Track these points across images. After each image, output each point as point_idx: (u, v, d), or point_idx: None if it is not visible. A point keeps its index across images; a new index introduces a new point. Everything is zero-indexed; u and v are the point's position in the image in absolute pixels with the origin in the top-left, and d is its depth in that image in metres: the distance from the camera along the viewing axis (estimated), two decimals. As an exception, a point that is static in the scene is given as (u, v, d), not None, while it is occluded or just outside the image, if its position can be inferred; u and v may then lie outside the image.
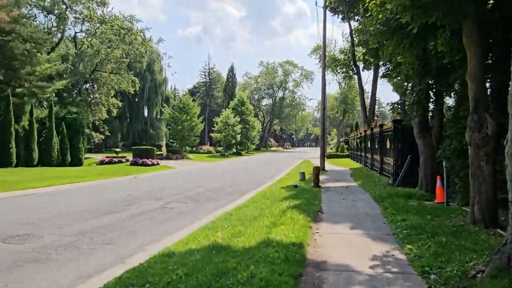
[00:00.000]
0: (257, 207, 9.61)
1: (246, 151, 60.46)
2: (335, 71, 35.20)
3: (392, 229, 7.01)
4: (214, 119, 55.78)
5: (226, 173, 23.99)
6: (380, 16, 8.96)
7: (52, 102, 27.71)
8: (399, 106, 13.77)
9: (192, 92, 73.32)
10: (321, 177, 15.69)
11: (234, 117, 53.49)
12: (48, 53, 30.54)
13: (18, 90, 24.59)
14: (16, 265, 5.61)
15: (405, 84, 12.50)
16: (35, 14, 35.63)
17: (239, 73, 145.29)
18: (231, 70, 78.51)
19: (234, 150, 55.88)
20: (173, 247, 6.06)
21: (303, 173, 17.10)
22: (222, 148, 54.61)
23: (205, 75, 79.86)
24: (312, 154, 52.66)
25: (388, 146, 15.55)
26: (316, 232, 6.85)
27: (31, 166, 23.67)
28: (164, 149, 37.59)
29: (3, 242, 6.83)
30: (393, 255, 5.48)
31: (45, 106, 29.38)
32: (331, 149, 54.98)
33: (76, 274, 5.29)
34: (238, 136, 53.73)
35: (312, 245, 6.01)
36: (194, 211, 10.27)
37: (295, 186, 13.80)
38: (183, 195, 13.33)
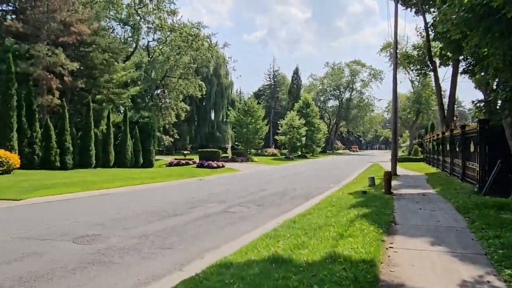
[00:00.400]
0: (322, 214, 8.97)
1: (312, 153, 59.30)
2: (407, 68, 32.87)
3: (483, 248, 5.96)
4: (278, 122, 55.56)
5: (291, 176, 23.47)
6: (465, 1, 7.85)
7: (127, 107, 29.54)
8: (485, 105, 12.12)
9: (257, 95, 73.93)
10: (393, 183, 14.47)
11: (299, 119, 52.74)
12: (124, 62, 32.64)
13: (97, 96, 26.60)
14: (81, 266, 5.69)
15: (493, 79, 10.98)
16: (112, 26, 38.55)
17: (304, 75, 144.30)
18: (296, 72, 77.79)
19: (299, 153, 55.09)
20: (231, 257, 5.72)
21: (372, 178, 15.98)
22: (287, 150, 54.14)
23: (269, 78, 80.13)
24: (382, 158, 49.94)
25: (472, 149, 13.86)
26: (390, 247, 6.06)
27: (108, 167, 25.37)
28: (229, 151, 38.17)
29: (73, 242, 7.06)
30: (488, 281, 4.55)
31: (121, 111, 31.44)
32: (403, 152, 51.80)
33: (135, 280, 5.19)
34: (303, 139, 52.87)
35: (385, 263, 5.26)
36: (256, 216, 9.94)
37: (364, 192, 12.85)
38: (246, 198, 13.11)
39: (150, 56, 40.74)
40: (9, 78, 19.95)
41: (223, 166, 28.49)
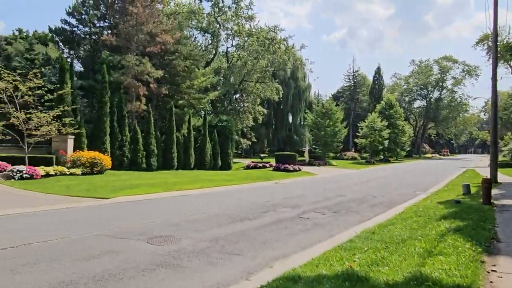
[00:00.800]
0: (407, 226, 8.01)
1: (395, 158, 55.71)
2: (510, 62, 28.93)
3: None
4: (358, 124, 53.31)
5: (371, 181, 22.07)
6: None
7: (206, 112, 30.71)
8: None
9: (336, 97, 72.05)
10: (493, 192, 12.60)
11: (381, 121, 49.89)
12: (204, 68, 34.07)
13: (179, 102, 28.11)
14: (150, 268, 5.71)
15: None
16: (193, 34, 40.62)
17: (387, 75, 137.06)
18: (378, 71, 74.01)
19: (381, 157, 52.09)
20: (301, 269, 5.25)
21: (467, 186, 14.13)
22: (367, 154, 51.61)
23: (349, 79, 77.52)
24: (478, 163, 44.90)
25: None
26: (493, 271, 5.03)
27: (188, 169, 26.57)
28: (306, 155, 37.57)
29: (147, 242, 7.22)
30: None
31: (201, 115, 32.82)
32: (504, 156, 46.00)
33: (200, 287, 5.01)
34: (386, 142, 49.86)
35: (487, 291, 4.33)
36: (331, 224, 9.30)
37: (457, 201, 11.34)
38: (322, 204, 12.49)
39: (229, 62, 41.99)
40: (103, 87, 22.05)
41: (299, 170, 28.00)
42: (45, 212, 10.35)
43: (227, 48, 43.30)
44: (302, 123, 59.45)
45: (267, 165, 30.36)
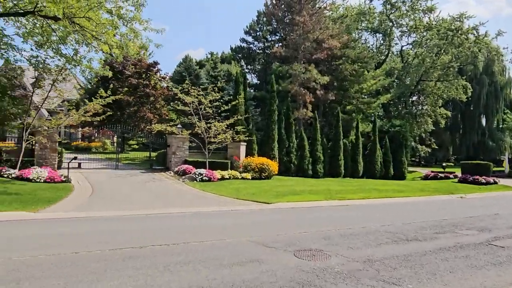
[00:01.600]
0: None
1: None
2: None
3: None
4: None
5: None
6: None
7: (376, 116, 28.79)
8: None
9: (552, 92, 56.95)
10: None
11: None
12: (375, 70, 32.11)
13: (347, 107, 27.20)
14: (288, 285, 5.22)
15: None
16: (363, 36, 38.93)
17: None
18: None
19: None
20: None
21: None
22: None
23: None
24: None
25: None
26: None
27: (356, 177, 25.33)
28: (506, 164, 30.93)
29: (294, 255, 6.75)
30: None
31: (371, 120, 30.99)
32: None
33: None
34: None
35: None
36: (539, 259, 6.80)
37: None
38: (526, 229, 9.53)
39: (404, 61, 38.44)
40: (272, 96, 23.31)
41: (495, 183, 23.09)
42: (213, 213, 11.26)
43: (402, 46, 39.81)
44: (500, 126, 49.51)
45: (451, 175, 26.32)
